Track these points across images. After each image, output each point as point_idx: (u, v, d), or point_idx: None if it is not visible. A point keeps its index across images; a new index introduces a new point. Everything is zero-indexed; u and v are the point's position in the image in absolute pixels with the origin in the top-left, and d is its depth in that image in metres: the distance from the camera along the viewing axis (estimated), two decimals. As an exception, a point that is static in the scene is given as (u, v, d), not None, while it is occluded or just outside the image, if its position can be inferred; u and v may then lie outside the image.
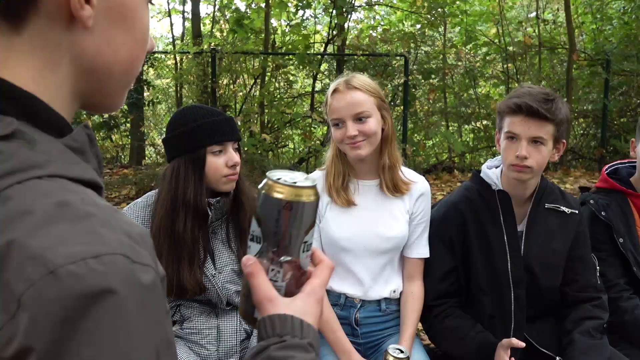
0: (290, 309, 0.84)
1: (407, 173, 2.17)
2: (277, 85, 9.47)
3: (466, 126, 10.20)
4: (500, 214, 2.07)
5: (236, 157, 1.99)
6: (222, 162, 1.96)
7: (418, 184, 2.15)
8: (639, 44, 8.94)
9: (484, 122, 9.58)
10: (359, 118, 2.00)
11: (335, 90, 2.02)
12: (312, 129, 9.49)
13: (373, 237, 2.08)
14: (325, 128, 9.59)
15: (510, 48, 9.42)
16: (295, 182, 0.88)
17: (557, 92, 1.92)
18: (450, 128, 9.87)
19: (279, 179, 0.88)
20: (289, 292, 0.90)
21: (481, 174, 2.15)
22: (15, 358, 0.50)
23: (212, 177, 1.97)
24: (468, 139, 10.11)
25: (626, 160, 2.44)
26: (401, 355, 1.74)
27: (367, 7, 10.03)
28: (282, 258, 0.89)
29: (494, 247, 2.05)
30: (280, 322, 0.82)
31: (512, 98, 1.97)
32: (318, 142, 9.09)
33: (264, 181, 0.89)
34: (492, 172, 2.13)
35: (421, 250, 2.14)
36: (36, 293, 0.50)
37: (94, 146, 0.68)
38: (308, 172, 8.89)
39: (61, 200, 0.56)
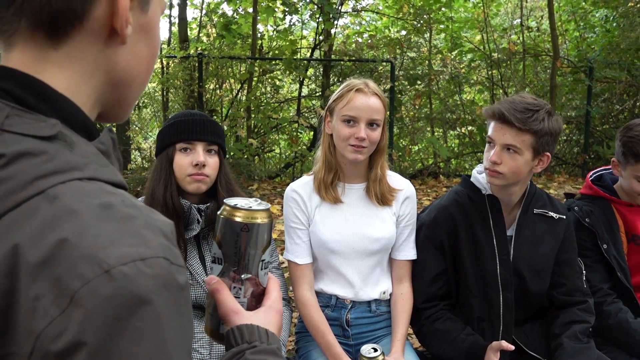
0: (255, 320, 0.93)
1: (393, 178, 2.20)
2: (263, 90, 9.48)
3: (451, 132, 10.27)
4: (490, 218, 2.10)
5: (201, 157, 1.96)
6: (188, 161, 1.96)
7: (404, 187, 2.20)
8: (621, 51, 9.06)
9: (469, 127, 9.65)
10: (371, 124, 2.04)
11: (359, 90, 2.04)
12: (298, 134, 9.51)
13: (361, 239, 2.11)
14: (312, 133, 9.62)
15: (495, 55, 9.51)
16: (250, 207, 0.99)
17: (540, 98, 1.94)
18: (436, 133, 9.93)
19: (235, 204, 0.99)
20: (250, 306, 1.00)
21: (471, 179, 2.19)
22: (65, 351, 0.52)
23: (178, 176, 1.99)
24: (453, 145, 10.18)
25: (610, 167, 2.49)
26: (375, 354, 1.77)
27: (353, 13, 10.08)
28: (242, 275, 0.99)
29: (484, 250, 2.09)
30: (249, 331, 0.90)
31: (496, 104, 2.02)
32: (304, 147, 9.11)
33: (222, 207, 1.00)
34: (482, 176, 2.16)
35: (409, 252, 2.18)
36: (91, 291, 0.53)
37: (116, 149, 0.71)
38: (294, 176, 8.93)
39: (105, 202, 0.58)
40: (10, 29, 0.65)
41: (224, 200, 1.01)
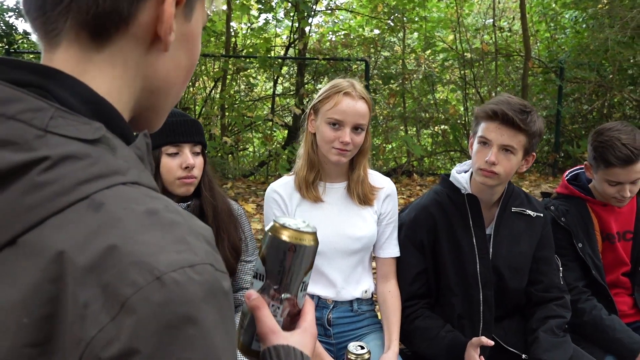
0: (291, 341, 0.94)
1: (374, 176, 2.22)
2: (237, 88, 9.44)
3: (424, 130, 10.35)
4: (469, 217, 2.12)
5: (190, 160, 1.92)
6: (177, 164, 1.92)
7: (384, 185, 2.21)
8: (591, 52, 9.22)
9: (443, 127, 9.73)
10: (356, 128, 2.04)
11: (346, 93, 2.02)
12: (272, 132, 9.49)
13: (342, 238, 2.12)
14: (286, 132, 9.60)
15: (468, 54, 9.60)
16: (299, 227, 0.99)
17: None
18: (409, 132, 9.99)
19: (284, 223, 0.99)
20: (285, 326, 1.00)
21: (450, 178, 2.21)
22: (117, 359, 0.51)
23: (166, 180, 1.93)
24: (426, 144, 10.26)
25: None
26: (362, 352, 1.78)
27: (328, 11, 10.08)
28: (283, 295, 0.98)
29: (464, 249, 2.11)
30: (285, 352, 0.91)
31: (490, 104, 2.01)
32: (279, 145, 9.09)
33: (271, 224, 1.00)
34: (461, 176, 2.18)
35: (393, 249, 2.19)
36: (143, 297, 0.52)
37: (149, 154, 0.71)
38: (268, 175, 8.92)
39: (150, 208, 0.58)
40: (55, 28, 0.65)
41: (274, 219, 1.01)
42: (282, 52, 9.80)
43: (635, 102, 9.90)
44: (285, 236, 0.98)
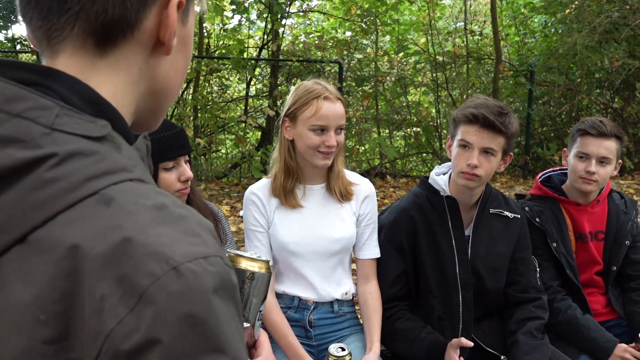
0: None
1: (349, 175, 2.23)
2: (210, 89, 9.38)
3: (396, 132, 10.42)
4: (448, 219, 2.15)
5: (188, 172, 1.94)
6: (175, 178, 1.91)
7: (362, 186, 2.21)
8: (560, 56, 9.39)
9: (415, 129, 9.80)
10: (338, 129, 2.04)
11: (326, 97, 2.01)
12: (245, 134, 9.46)
13: (321, 240, 2.12)
14: (260, 133, 9.57)
15: (440, 57, 9.69)
16: (253, 256, 1.02)
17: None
18: (382, 134, 10.05)
19: (238, 253, 1.02)
20: None
21: (429, 180, 2.23)
22: (137, 349, 0.52)
23: None
24: (399, 146, 10.32)
25: (557, 168, 2.60)
26: (343, 353, 1.79)
27: (302, 13, 10.08)
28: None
29: (443, 251, 2.13)
30: None
31: (469, 108, 2.04)
32: (252, 147, 9.06)
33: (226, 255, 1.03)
34: (440, 178, 2.21)
35: (373, 250, 2.20)
36: (161, 287, 0.53)
37: (149, 157, 0.72)
38: (241, 177, 8.88)
39: (158, 203, 0.59)
40: (60, 35, 0.65)
41: (228, 250, 1.04)
42: (255, 54, 9.77)
43: (602, 105, 10.10)
44: (242, 264, 1.00)
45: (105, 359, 0.52)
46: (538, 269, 2.29)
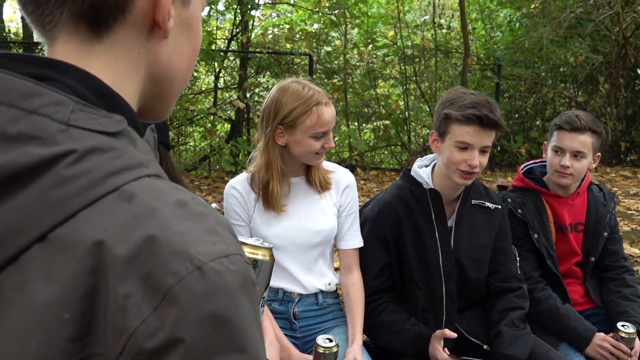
0: None
1: (326, 165, 2.22)
2: (178, 81, 9.26)
3: (365, 125, 10.46)
4: (432, 212, 2.16)
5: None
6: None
7: (342, 176, 2.22)
8: (526, 50, 9.54)
9: (384, 122, 9.85)
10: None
11: (324, 103, 2.00)
12: (214, 126, 9.38)
13: (302, 232, 2.12)
14: (229, 126, 9.50)
15: (408, 51, 9.75)
16: (256, 243, 1.02)
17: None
18: (351, 127, 10.08)
19: (241, 240, 1.00)
20: None
21: (412, 173, 2.23)
22: (161, 349, 0.51)
23: None
24: (368, 138, 10.37)
25: (539, 160, 2.63)
26: (330, 344, 1.79)
27: (271, 4, 10.02)
28: None
29: (427, 243, 2.14)
30: None
31: (465, 107, 2.00)
32: (221, 139, 8.99)
33: None
34: (422, 171, 2.21)
35: (355, 240, 2.20)
36: (186, 287, 0.52)
37: (155, 149, 0.72)
38: (210, 169, 8.81)
39: (179, 199, 0.58)
40: (52, 20, 0.63)
41: None
42: (224, 46, 9.69)
43: (567, 99, 10.31)
44: (246, 252, 0.99)
45: (128, 356, 0.51)
46: (518, 259, 2.33)
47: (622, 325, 2.21)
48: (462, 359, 1.99)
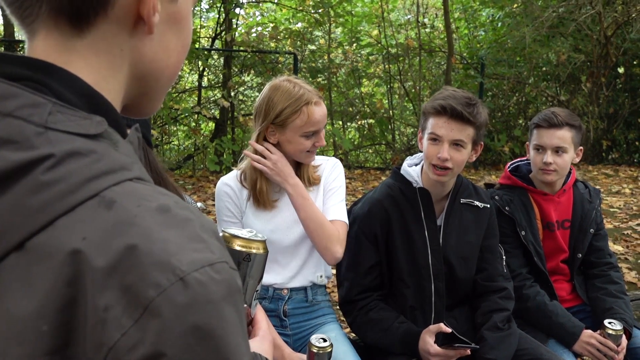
0: (254, 348, 0.99)
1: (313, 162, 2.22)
2: (162, 79, 9.21)
3: (350, 124, 10.48)
4: (421, 210, 2.16)
5: None
6: None
7: (328, 164, 2.23)
8: (509, 49, 9.60)
9: (369, 120, 9.87)
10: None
11: (314, 103, 2.01)
12: (198, 124, 9.33)
13: (293, 226, 2.12)
14: (213, 124, 9.46)
15: (392, 50, 9.78)
16: (250, 236, 1.00)
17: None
18: (336, 125, 10.09)
19: (234, 233, 1.00)
20: None
21: (402, 171, 2.24)
22: None
23: None
24: (353, 137, 10.38)
25: (525, 158, 2.65)
26: (324, 344, 1.79)
27: (255, 3, 9.99)
28: None
29: (416, 241, 2.15)
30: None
31: (437, 100, 2.04)
32: (206, 138, 8.95)
33: (221, 235, 1.02)
34: (412, 169, 2.21)
35: (338, 213, 2.13)
36: (168, 299, 0.51)
37: (140, 149, 0.68)
38: (195, 168, 8.77)
39: (162, 205, 0.56)
40: (31, 14, 0.61)
41: (223, 229, 1.02)
42: (207, 44, 9.64)
43: (549, 98, 10.39)
44: (238, 245, 0.98)
45: None
46: (504, 257, 2.34)
47: (609, 323, 2.24)
48: (455, 346, 1.99)
